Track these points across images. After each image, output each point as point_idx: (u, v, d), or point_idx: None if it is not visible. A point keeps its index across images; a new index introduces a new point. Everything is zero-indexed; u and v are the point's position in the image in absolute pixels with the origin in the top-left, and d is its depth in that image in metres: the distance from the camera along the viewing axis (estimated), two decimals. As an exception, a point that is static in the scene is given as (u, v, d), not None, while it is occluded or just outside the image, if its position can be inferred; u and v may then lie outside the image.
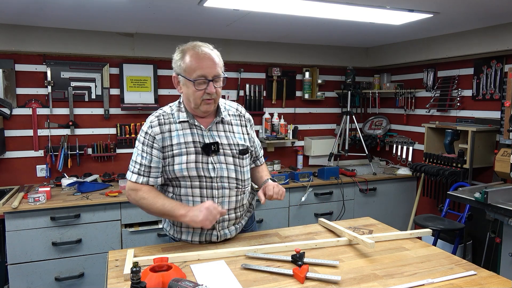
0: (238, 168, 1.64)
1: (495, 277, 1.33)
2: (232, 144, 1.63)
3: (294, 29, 3.09)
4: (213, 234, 1.64)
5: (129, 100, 3.37)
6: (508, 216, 2.25)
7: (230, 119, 1.68)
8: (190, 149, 1.56)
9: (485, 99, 3.18)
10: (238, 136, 1.66)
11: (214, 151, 1.58)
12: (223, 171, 1.60)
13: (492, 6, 2.36)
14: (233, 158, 1.62)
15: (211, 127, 1.62)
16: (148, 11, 2.50)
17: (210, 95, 1.53)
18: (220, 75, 1.56)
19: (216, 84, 1.54)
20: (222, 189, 1.60)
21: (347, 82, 3.90)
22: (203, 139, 1.59)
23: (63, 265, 2.66)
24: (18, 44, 2.94)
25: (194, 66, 1.51)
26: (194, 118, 1.61)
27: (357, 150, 4.11)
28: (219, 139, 1.61)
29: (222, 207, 1.60)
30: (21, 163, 3.13)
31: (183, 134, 1.58)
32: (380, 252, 1.55)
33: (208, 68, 1.51)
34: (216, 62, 1.54)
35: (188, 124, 1.60)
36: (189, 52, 1.53)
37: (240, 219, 1.72)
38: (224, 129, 1.65)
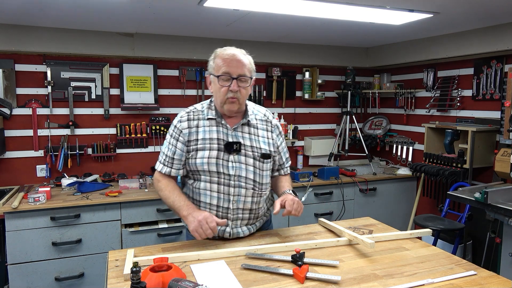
0: (257, 170, 1.68)
1: (495, 277, 1.33)
2: (254, 146, 1.68)
3: (294, 29, 3.09)
4: (225, 231, 1.68)
5: (129, 100, 3.37)
6: (508, 216, 2.25)
7: (257, 123, 1.73)
8: (213, 145, 1.63)
9: (485, 99, 3.18)
10: (262, 140, 1.71)
11: (236, 150, 1.63)
12: (242, 170, 1.64)
13: (492, 6, 2.36)
14: (254, 160, 1.67)
15: (236, 127, 1.68)
16: (148, 11, 2.50)
17: (233, 93, 1.59)
18: (245, 75, 1.61)
19: (240, 83, 1.60)
20: (239, 188, 1.65)
21: (347, 82, 3.90)
22: (227, 138, 1.65)
23: (63, 265, 2.66)
24: (18, 44, 2.94)
25: (221, 64, 1.61)
26: (222, 117, 1.68)
27: (357, 150, 4.11)
28: (243, 140, 1.66)
29: (237, 205, 1.66)
30: (21, 163, 3.13)
31: (209, 131, 1.66)
32: (380, 252, 1.55)
33: (234, 67, 1.59)
34: (244, 63, 1.61)
35: (215, 122, 1.68)
36: (220, 52, 1.65)
37: (254, 220, 1.75)
38: (249, 132, 1.70)
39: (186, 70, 3.54)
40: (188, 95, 3.59)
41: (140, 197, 2.81)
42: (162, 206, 2.87)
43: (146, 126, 3.44)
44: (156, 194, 2.84)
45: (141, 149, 3.46)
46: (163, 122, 3.48)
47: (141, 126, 3.39)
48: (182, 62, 3.54)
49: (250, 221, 1.73)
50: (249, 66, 1.64)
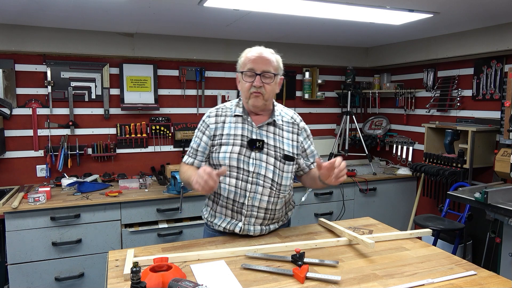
0: (277, 170, 1.69)
1: (495, 277, 1.33)
2: (278, 147, 1.70)
3: (294, 29, 3.09)
4: (237, 226, 1.70)
5: (129, 100, 3.37)
6: (508, 216, 2.25)
7: (283, 124, 1.75)
8: (237, 141, 1.68)
9: (485, 99, 3.18)
10: (286, 142, 1.72)
11: (258, 147, 1.66)
12: (262, 168, 1.66)
13: (492, 6, 2.36)
14: (275, 160, 1.68)
15: (261, 126, 1.70)
16: (148, 11, 2.50)
17: (256, 88, 1.63)
18: (269, 72, 1.64)
19: (264, 79, 1.63)
20: (256, 185, 1.66)
21: (347, 82, 3.90)
22: (251, 135, 1.68)
23: (63, 265, 2.66)
24: (18, 44, 2.94)
25: (246, 61, 1.66)
26: (249, 115, 1.72)
27: (357, 150, 4.11)
28: (266, 139, 1.69)
29: (252, 202, 1.67)
30: (21, 163, 3.13)
31: (235, 127, 1.70)
32: (380, 252, 1.55)
33: (258, 64, 1.63)
34: (268, 61, 1.64)
35: (241, 119, 1.72)
36: (247, 51, 1.70)
37: (268, 221, 1.74)
38: (274, 132, 1.72)
39: (186, 70, 3.54)
40: (188, 95, 3.59)
41: (140, 197, 2.81)
42: (162, 206, 2.87)
43: (146, 126, 3.44)
44: (156, 194, 2.86)
45: (141, 149, 3.46)
46: (163, 122, 3.48)
47: (141, 126, 3.39)
48: (182, 62, 3.54)
49: (265, 221, 1.72)
50: (275, 64, 1.67)
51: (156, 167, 3.41)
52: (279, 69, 1.70)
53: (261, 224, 1.72)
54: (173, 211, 2.89)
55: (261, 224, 1.72)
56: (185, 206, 2.91)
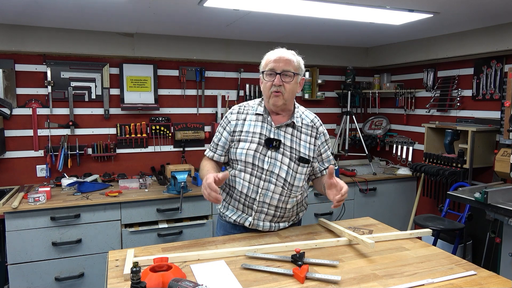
0: (291, 171, 1.72)
1: (495, 277, 1.33)
2: (294, 148, 1.73)
3: (294, 29, 3.09)
4: (247, 220, 1.75)
5: (129, 100, 3.37)
6: (508, 216, 2.25)
7: (302, 126, 1.79)
8: (255, 138, 1.73)
9: (485, 99, 3.18)
10: (303, 144, 1.76)
11: (274, 147, 1.71)
12: (276, 167, 1.70)
13: (492, 6, 2.36)
14: (289, 161, 1.72)
15: (280, 126, 1.74)
16: (148, 11, 2.50)
17: (276, 87, 1.67)
18: (289, 71, 1.68)
19: (284, 78, 1.68)
20: (269, 183, 1.70)
21: (347, 82, 3.90)
22: (269, 134, 1.73)
23: (63, 265, 2.66)
24: (18, 44, 2.94)
25: (267, 62, 1.71)
26: (269, 114, 1.76)
27: (357, 150, 4.11)
28: (283, 139, 1.73)
29: (264, 199, 1.71)
30: (21, 163, 3.13)
31: (254, 125, 1.75)
32: (380, 252, 1.55)
33: (278, 63, 1.68)
34: (289, 61, 1.69)
35: (262, 118, 1.77)
36: (269, 53, 1.75)
37: (278, 219, 1.78)
38: (292, 133, 1.75)
39: (186, 70, 3.54)
40: (188, 95, 3.59)
41: (140, 197, 2.81)
42: (162, 206, 2.87)
43: (146, 126, 3.44)
44: (156, 194, 2.87)
45: (141, 149, 3.46)
46: (163, 122, 3.48)
47: (141, 126, 3.39)
48: (182, 62, 3.54)
49: (274, 218, 1.76)
50: (295, 64, 1.72)
51: (156, 167, 3.41)
52: (300, 70, 1.75)
53: (271, 221, 1.76)
54: (173, 211, 2.89)
55: (271, 221, 1.76)
56: (185, 206, 2.91)
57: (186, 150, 3.60)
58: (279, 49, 1.74)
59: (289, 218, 1.83)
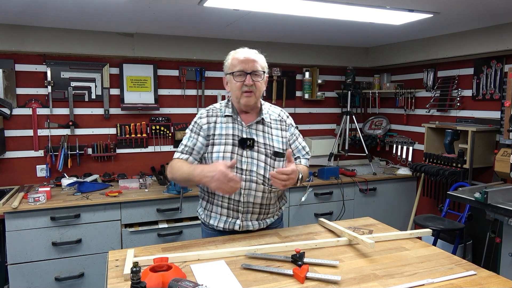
0: (268, 167, 1.74)
1: (495, 277, 1.33)
2: (267, 144, 1.75)
3: (294, 29, 3.09)
4: (236, 224, 1.75)
5: (129, 100, 3.37)
6: (508, 216, 2.25)
7: (271, 122, 1.81)
8: (228, 140, 1.73)
9: (485, 99, 3.18)
10: (276, 139, 1.78)
11: (249, 146, 1.72)
12: (253, 166, 1.72)
13: (492, 6, 2.36)
14: (265, 157, 1.74)
15: (251, 125, 1.76)
16: (148, 11, 2.50)
17: (248, 87, 1.68)
18: (258, 70, 1.71)
19: (254, 78, 1.70)
20: (250, 182, 1.71)
21: (347, 82, 3.90)
22: (241, 134, 1.74)
23: (63, 265, 2.66)
24: (18, 44, 2.94)
25: (235, 63, 1.71)
26: (238, 114, 1.77)
27: (357, 150, 4.11)
28: (256, 137, 1.74)
29: (248, 199, 1.72)
30: (21, 163, 3.13)
31: (226, 127, 1.75)
32: (380, 252, 1.55)
33: (247, 64, 1.69)
34: (256, 60, 1.72)
35: (231, 119, 1.77)
36: (234, 53, 1.76)
37: (264, 216, 1.81)
38: (263, 130, 1.77)
39: (186, 70, 3.54)
40: (188, 95, 3.59)
41: (140, 197, 2.81)
42: (162, 206, 2.87)
43: (146, 126, 3.44)
44: (156, 194, 2.86)
45: (141, 149, 3.46)
46: (163, 122, 3.48)
47: (141, 126, 3.39)
48: (182, 62, 3.54)
49: (261, 216, 1.79)
50: (261, 63, 1.75)
51: (156, 167, 3.40)
52: (265, 68, 1.78)
53: (257, 219, 1.79)
54: (173, 211, 2.89)
55: (257, 219, 1.79)
56: (185, 206, 2.91)
57: (186, 150, 3.59)
58: (244, 49, 1.75)
59: (274, 213, 1.85)
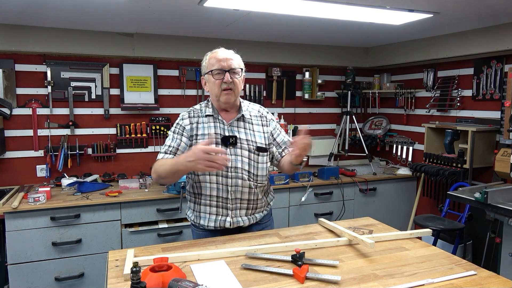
0: (252, 162, 1.79)
1: (495, 277, 1.33)
2: (250, 140, 1.79)
3: (294, 29, 3.09)
4: (226, 221, 1.79)
5: (129, 100, 3.37)
6: (508, 216, 2.25)
7: (251, 118, 1.85)
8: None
9: (485, 99, 3.18)
10: (258, 135, 1.82)
11: (232, 143, 1.75)
12: (238, 162, 1.75)
13: (492, 6, 2.36)
14: (249, 153, 1.78)
15: (232, 122, 1.80)
16: (148, 11, 2.50)
17: (227, 84, 1.72)
18: (235, 68, 1.74)
19: (232, 75, 1.73)
20: (236, 178, 1.75)
21: (347, 82, 3.90)
22: (223, 132, 1.77)
23: (63, 265, 2.66)
24: (18, 44, 2.94)
25: (213, 62, 1.75)
26: (218, 113, 1.80)
27: (357, 150, 4.11)
28: (238, 134, 1.78)
29: (235, 195, 1.77)
30: (21, 163, 3.13)
31: (208, 127, 1.78)
32: (380, 252, 1.55)
33: (224, 62, 1.73)
34: (233, 58, 1.76)
35: (212, 118, 1.80)
36: (211, 53, 1.80)
37: (253, 211, 1.85)
38: (244, 126, 1.82)
39: (186, 70, 3.54)
40: (188, 95, 3.59)
41: (140, 197, 2.81)
42: (162, 206, 2.87)
43: (146, 126, 3.44)
44: (156, 194, 2.86)
45: (141, 149, 3.46)
46: (163, 122, 3.48)
47: (141, 126, 3.39)
48: (182, 62, 3.54)
49: (249, 211, 1.83)
50: (238, 61, 1.79)
51: (156, 167, 3.40)
52: (242, 66, 1.81)
53: (246, 214, 1.82)
54: (173, 211, 2.89)
55: (246, 214, 1.82)
56: (185, 206, 2.90)
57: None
58: (221, 49, 1.79)
59: (262, 208, 1.89)
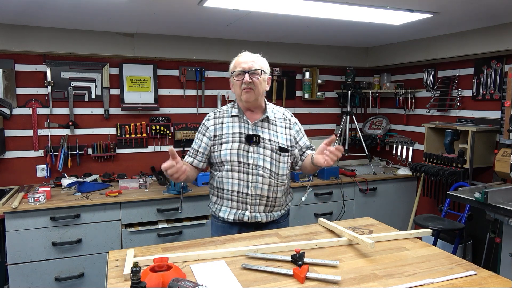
0: (274, 161, 1.88)
1: (495, 277, 1.33)
2: (273, 140, 1.89)
3: (294, 29, 3.09)
4: (245, 215, 1.88)
5: (129, 100, 3.37)
6: (508, 216, 2.25)
7: (275, 120, 1.95)
8: (235, 138, 1.86)
9: (485, 99, 3.18)
10: (280, 136, 1.92)
11: (255, 142, 1.85)
12: (260, 160, 1.85)
13: (492, 6, 2.36)
14: (271, 152, 1.87)
15: (256, 122, 1.89)
16: (148, 11, 2.50)
17: (246, 84, 1.82)
18: (256, 69, 1.84)
19: (252, 76, 1.83)
20: (257, 175, 1.85)
21: (347, 82, 3.90)
22: (247, 131, 1.87)
23: (63, 265, 2.66)
24: (18, 44, 2.94)
25: (235, 65, 1.89)
26: (243, 113, 1.90)
27: (357, 150, 4.11)
28: (262, 134, 1.88)
29: (255, 191, 1.86)
30: (21, 163, 3.13)
31: (232, 126, 1.89)
32: (380, 252, 1.55)
33: (245, 64, 1.85)
34: (254, 60, 1.87)
35: (238, 118, 1.91)
36: (236, 58, 1.93)
37: (271, 208, 1.93)
38: (268, 127, 1.91)
39: (186, 70, 3.54)
40: (188, 95, 3.59)
41: (140, 197, 2.81)
42: (162, 206, 2.87)
43: (146, 126, 3.44)
44: (156, 194, 2.86)
45: (141, 149, 3.46)
46: (163, 122, 3.49)
47: (141, 126, 3.39)
48: (182, 62, 3.54)
49: (268, 208, 1.91)
50: (260, 63, 1.89)
51: (156, 167, 3.40)
52: (266, 68, 1.92)
53: (264, 210, 1.90)
54: (173, 211, 2.89)
55: (264, 210, 1.90)
56: (185, 206, 2.91)
57: (186, 150, 3.60)
58: (245, 52, 1.92)
59: (280, 207, 1.98)
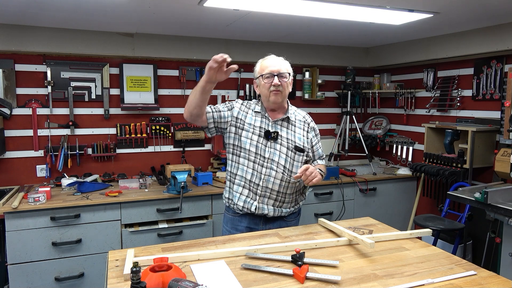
0: (289, 159, 1.95)
1: (495, 277, 1.33)
2: (290, 139, 1.97)
3: (294, 29, 3.09)
4: (253, 205, 1.94)
5: (129, 100, 3.37)
6: (508, 216, 2.25)
7: (295, 121, 2.03)
8: (255, 131, 1.96)
9: (485, 99, 3.18)
10: (298, 136, 2.00)
11: (273, 138, 1.94)
12: (275, 156, 1.93)
13: (492, 6, 2.36)
14: (287, 150, 1.95)
15: (276, 120, 1.98)
16: (148, 11, 2.50)
17: (275, 86, 1.91)
18: (283, 73, 1.94)
19: (281, 78, 1.92)
20: (270, 169, 1.92)
21: (347, 82, 3.90)
22: (267, 127, 1.96)
23: (63, 265, 2.66)
24: (18, 44, 2.94)
25: (264, 67, 1.97)
26: (266, 111, 2.00)
27: (357, 150, 4.11)
28: (280, 131, 1.97)
29: (266, 184, 1.92)
30: (21, 163, 3.13)
31: (255, 119, 1.99)
32: (380, 252, 1.55)
33: (273, 67, 1.93)
34: (282, 64, 1.96)
35: (260, 115, 2.00)
36: (262, 61, 2.01)
37: (280, 203, 1.97)
38: (287, 127, 2.00)
39: (186, 70, 3.54)
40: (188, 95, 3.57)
41: (140, 197, 2.81)
42: (162, 206, 2.87)
43: (146, 126, 3.44)
44: (156, 194, 2.86)
45: (141, 149, 3.46)
46: (163, 122, 3.48)
47: (141, 126, 3.39)
48: (182, 62, 3.54)
49: (277, 202, 1.95)
50: (287, 66, 1.99)
51: (156, 167, 3.41)
52: (291, 71, 2.02)
53: (273, 205, 1.95)
54: (173, 211, 2.89)
55: (273, 205, 1.95)
56: (185, 206, 2.91)
57: (186, 150, 3.60)
58: (272, 56, 1.99)
59: (290, 204, 2.00)
